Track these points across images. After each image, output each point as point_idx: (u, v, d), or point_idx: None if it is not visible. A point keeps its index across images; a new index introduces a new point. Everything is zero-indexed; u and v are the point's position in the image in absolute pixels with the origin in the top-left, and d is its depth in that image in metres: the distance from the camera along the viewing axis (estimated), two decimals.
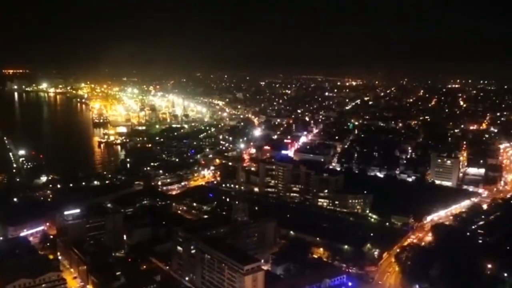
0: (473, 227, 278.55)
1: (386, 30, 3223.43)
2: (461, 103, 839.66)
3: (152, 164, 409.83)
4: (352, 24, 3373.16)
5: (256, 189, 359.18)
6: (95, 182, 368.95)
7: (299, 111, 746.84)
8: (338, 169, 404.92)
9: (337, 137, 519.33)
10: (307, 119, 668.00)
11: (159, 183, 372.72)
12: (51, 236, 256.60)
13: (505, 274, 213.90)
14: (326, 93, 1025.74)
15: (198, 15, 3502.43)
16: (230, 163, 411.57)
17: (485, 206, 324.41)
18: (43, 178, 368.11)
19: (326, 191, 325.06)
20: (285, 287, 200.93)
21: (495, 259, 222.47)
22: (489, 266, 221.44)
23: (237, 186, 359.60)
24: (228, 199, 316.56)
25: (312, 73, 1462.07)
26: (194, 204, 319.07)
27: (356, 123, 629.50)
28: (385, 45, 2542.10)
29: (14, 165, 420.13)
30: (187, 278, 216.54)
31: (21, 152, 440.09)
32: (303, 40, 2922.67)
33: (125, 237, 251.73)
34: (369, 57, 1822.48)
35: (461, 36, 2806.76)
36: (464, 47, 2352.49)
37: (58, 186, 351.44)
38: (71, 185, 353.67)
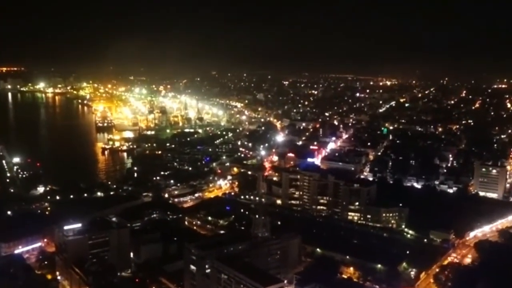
0: None
1: (425, 24, 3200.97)
2: (509, 105, 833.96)
3: (162, 173, 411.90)
4: (387, 18, 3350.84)
5: (278, 202, 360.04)
6: (99, 194, 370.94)
7: (326, 114, 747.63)
8: (371, 179, 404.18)
9: (369, 144, 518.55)
10: (335, 123, 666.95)
11: (170, 194, 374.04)
12: (50, 254, 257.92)
13: None
14: (357, 94, 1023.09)
15: (214, 7, 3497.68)
16: (249, 172, 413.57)
17: None
18: (40, 189, 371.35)
19: (357, 203, 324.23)
20: None
21: None
22: None
23: (257, 198, 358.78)
24: (247, 213, 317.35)
25: (342, 72, 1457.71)
26: (209, 218, 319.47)
27: (391, 127, 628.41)
28: (424, 41, 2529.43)
29: (8, 174, 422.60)
30: None
31: (16, 159, 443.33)
32: (332, 34, 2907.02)
33: (132, 254, 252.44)
34: (405, 54, 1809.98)
35: (509, 31, 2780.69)
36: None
37: (57, 197, 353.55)
38: (71, 196, 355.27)
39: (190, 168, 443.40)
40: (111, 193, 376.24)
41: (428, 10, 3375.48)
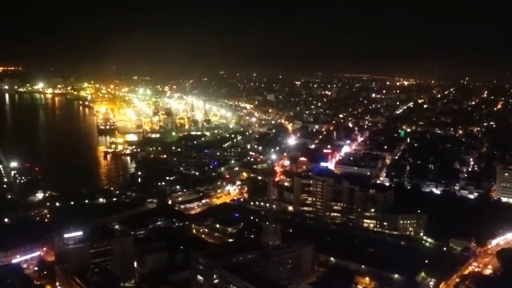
0: None
1: (445, 21, 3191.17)
2: None
3: (167, 178, 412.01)
4: (404, 15, 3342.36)
5: (290, 208, 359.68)
6: (101, 200, 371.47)
7: (341, 115, 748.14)
8: (387, 184, 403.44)
9: (385, 147, 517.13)
10: (350, 125, 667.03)
11: (176, 200, 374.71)
12: (49, 263, 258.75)
13: None
14: (373, 95, 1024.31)
15: (223, 2, 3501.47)
16: (259, 177, 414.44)
17: None
18: (39, 195, 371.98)
19: (372, 210, 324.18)
20: None
21: None
22: None
23: (267, 205, 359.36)
24: (257, 220, 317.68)
25: (357, 71, 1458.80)
26: (217, 225, 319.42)
27: (408, 130, 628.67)
28: (443, 39, 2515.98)
29: (5, 180, 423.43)
30: None
31: (13, 164, 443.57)
32: (347, 32, 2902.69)
33: (135, 264, 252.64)
34: (424, 52, 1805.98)
35: None
36: None
37: (57, 204, 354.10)
38: (72, 203, 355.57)
39: (197, 173, 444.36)
40: (114, 199, 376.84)
41: (448, 7, 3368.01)
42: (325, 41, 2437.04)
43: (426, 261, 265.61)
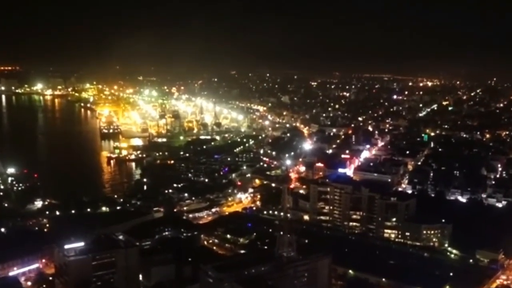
0: None
1: (472, 17, 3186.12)
2: None
3: (175, 185, 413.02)
4: (428, 10, 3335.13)
5: (306, 217, 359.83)
6: (103, 208, 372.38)
7: (360, 118, 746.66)
8: (409, 192, 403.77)
9: (408, 152, 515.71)
10: (370, 128, 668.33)
11: (184, 209, 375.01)
12: (48, 276, 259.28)
13: None
14: (395, 96, 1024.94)
15: None
16: (273, 184, 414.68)
17: None
18: (38, 203, 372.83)
19: (394, 219, 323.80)
20: None
21: None
22: None
23: (282, 214, 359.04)
24: (270, 230, 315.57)
25: (377, 71, 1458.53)
26: (228, 235, 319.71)
27: (432, 133, 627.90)
28: (469, 37, 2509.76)
29: (2, 187, 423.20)
30: None
31: (10, 170, 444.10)
32: (366, 29, 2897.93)
33: (141, 277, 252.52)
34: (449, 51, 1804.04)
35: None
36: None
37: (57, 213, 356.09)
38: (73, 212, 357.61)
39: (206, 180, 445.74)
40: (118, 208, 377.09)
41: (475, 2, 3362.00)
42: (343, 39, 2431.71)
43: (451, 274, 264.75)
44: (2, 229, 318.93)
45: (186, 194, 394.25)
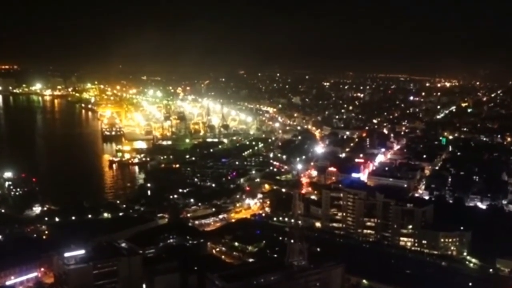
0: None
1: (491, 14, 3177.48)
2: None
3: (180, 190, 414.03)
4: (447, 8, 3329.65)
5: (318, 224, 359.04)
6: (105, 215, 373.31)
7: (375, 121, 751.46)
8: (427, 198, 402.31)
9: (425, 156, 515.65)
10: (385, 131, 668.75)
11: (190, 215, 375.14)
12: (47, 285, 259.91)
13: None
14: (411, 97, 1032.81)
15: None
16: (283, 190, 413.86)
17: None
18: (37, 209, 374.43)
19: (410, 227, 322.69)
20: None
21: None
22: None
23: (292, 220, 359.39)
24: (280, 237, 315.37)
25: (393, 71, 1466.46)
26: (236, 243, 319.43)
27: (451, 137, 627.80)
28: (489, 36, 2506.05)
29: None
30: None
31: (8, 174, 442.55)
32: (382, 26, 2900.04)
33: (144, 286, 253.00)
34: (468, 50, 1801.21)
35: None
36: None
37: (56, 219, 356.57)
38: (73, 218, 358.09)
39: (213, 185, 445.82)
40: (120, 214, 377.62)
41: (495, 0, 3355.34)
42: (357, 38, 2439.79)
43: (470, 284, 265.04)
44: None
45: (192, 200, 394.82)
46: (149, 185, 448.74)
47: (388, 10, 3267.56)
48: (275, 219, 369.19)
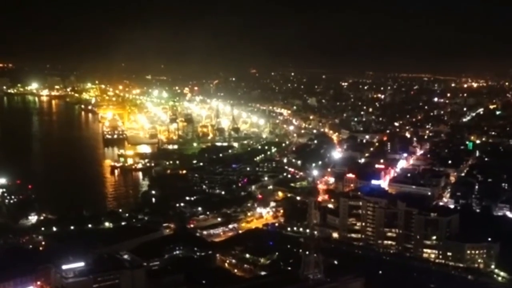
0: None
1: None
2: None
3: (187, 198, 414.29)
4: (470, 3, 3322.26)
5: (335, 235, 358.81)
6: (107, 224, 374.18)
7: (396, 124, 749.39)
8: (452, 206, 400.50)
9: (450, 162, 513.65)
10: (407, 135, 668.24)
11: (198, 225, 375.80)
12: None
13: None
14: (435, 99, 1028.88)
15: None
16: (298, 198, 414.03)
17: None
18: (33, 218, 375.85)
19: (434, 237, 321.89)
20: None
21: None
22: None
23: (308, 230, 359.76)
24: (295, 249, 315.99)
25: (416, 70, 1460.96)
26: (247, 255, 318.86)
27: (478, 141, 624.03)
28: None
29: None
30: None
31: (1, 181, 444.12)
32: (402, 23, 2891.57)
33: None
34: (497, 48, 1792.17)
35: None
36: None
37: (54, 229, 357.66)
38: (72, 227, 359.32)
39: (222, 192, 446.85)
40: (122, 223, 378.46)
41: None
42: (377, 35, 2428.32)
43: None
44: None
45: (199, 208, 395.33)
46: (153, 192, 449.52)
47: (408, 7, 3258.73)
48: (289, 229, 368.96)
